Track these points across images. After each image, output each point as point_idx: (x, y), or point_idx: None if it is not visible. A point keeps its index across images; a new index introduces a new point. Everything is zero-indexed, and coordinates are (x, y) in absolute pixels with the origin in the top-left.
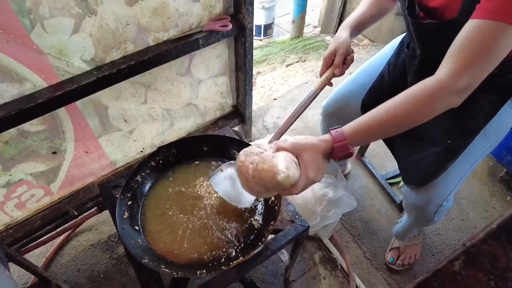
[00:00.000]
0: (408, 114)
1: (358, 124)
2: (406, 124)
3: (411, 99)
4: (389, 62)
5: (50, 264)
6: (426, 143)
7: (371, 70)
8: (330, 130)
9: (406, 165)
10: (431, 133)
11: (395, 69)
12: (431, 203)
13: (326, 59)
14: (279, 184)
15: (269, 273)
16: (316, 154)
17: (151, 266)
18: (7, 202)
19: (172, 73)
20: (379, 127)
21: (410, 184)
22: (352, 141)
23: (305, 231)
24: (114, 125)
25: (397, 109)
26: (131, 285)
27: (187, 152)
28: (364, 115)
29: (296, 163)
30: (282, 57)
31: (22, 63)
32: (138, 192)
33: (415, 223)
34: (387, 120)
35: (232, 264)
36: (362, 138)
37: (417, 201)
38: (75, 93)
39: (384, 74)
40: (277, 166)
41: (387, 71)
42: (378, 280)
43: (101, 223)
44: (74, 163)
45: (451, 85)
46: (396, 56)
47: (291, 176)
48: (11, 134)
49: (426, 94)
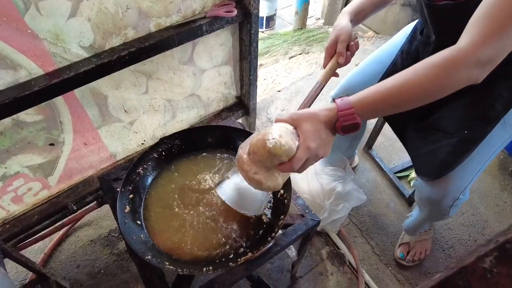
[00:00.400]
0: (424, 84)
1: (368, 93)
2: (421, 96)
3: (429, 68)
4: (402, 50)
5: (48, 260)
6: (441, 134)
7: (383, 58)
8: (335, 99)
9: (420, 156)
10: (446, 124)
11: (408, 56)
12: (447, 196)
13: (328, 49)
14: (272, 154)
15: (275, 269)
16: (317, 124)
17: (154, 263)
18: (3, 196)
19: (174, 61)
20: (391, 97)
21: (424, 177)
22: (359, 111)
23: (315, 225)
24: (114, 115)
25: (413, 78)
26: (132, 281)
27: (191, 143)
28: (375, 84)
29: (294, 133)
30: (285, 49)
31: (16, 48)
32: (140, 185)
33: (429, 217)
34: (401, 90)
35: (240, 261)
36: (370, 108)
37: (432, 194)
38: (73, 81)
39: (397, 62)
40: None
41: (400, 58)
42: (387, 276)
43: (101, 218)
44: (72, 156)
45: (473, 54)
46: (409, 43)
47: (284, 144)
48: (6, 124)
49: (446, 63)
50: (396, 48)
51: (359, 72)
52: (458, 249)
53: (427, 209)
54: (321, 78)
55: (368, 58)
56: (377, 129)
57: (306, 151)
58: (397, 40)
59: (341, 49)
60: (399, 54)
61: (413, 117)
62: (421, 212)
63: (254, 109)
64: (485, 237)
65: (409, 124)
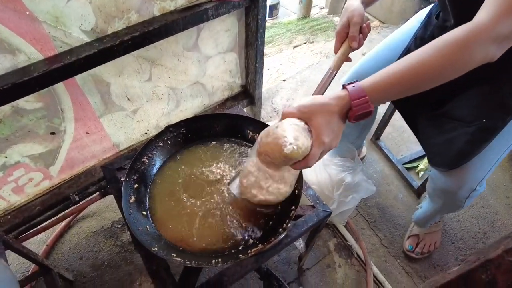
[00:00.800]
0: (439, 62)
1: (380, 77)
2: (436, 75)
3: (443, 45)
4: (416, 36)
5: (51, 252)
6: (457, 123)
7: (396, 45)
8: (346, 85)
9: (434, 146)
10: (463, 112)
11: (422, 42)
12: (463, 187)
13: (339, 33)
14: (288, 158)
15: (282, 261)
16: (330, 116)
17: (161, 255)
18: (4, 186)
19: (179, 47)
20: (405, 79)
21: (439, 167)
22: (372, 97)
23: (326, 217)
24: (117, 103)
25: (427, 57)
26: (136, 273)
27: (197, 132)
28: (386, 67)
29: (306, 129)
30: (289, 38)
31: (14, 31)
32: (145, 174)
33: (441, 209)
34: (415, 70)
35: (251, 253)
36: (384, 93)
37: (447, 185)
38: (74, 66)
39: (411, 48)
40: (282, 137)
41: (413, 44)
42: (395, 268)
43: (104, 209)
44: (74, 145)
45: (491, 30)
46: (423, 29)
47: (301, 146)
48: (5, 111)
49: (461, 39)
50: (409, 34)
51: (371, 58)
52: (468, 241)
53: (441, 201)
54: (333, 64)
55: (380, 44)
56: (385, 119)
57: (320, 147)
58: (411, 26)
59: (354, 32)
60: (413, 40)
61: (426, 106)
62: (433, 204)
63: (260, 99)
64: (495, 229)
65: (422, 112)
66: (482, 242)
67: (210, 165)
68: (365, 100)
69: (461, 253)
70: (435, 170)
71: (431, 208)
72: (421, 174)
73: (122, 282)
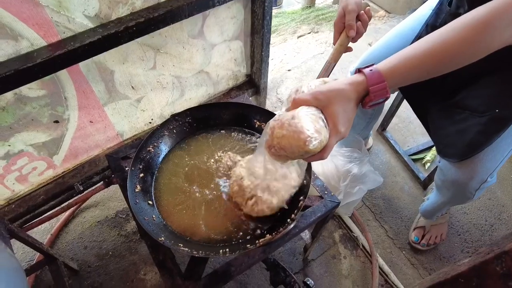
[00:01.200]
0: (460, 43)
1: (398, 60)
2: (457, 57)
3: (463, 26)
4: (427, 23)
5: (55, 241)
6: (469, 113)
7: (406, 32)
8: (362, 69)
9: (445, 137)
10: (475, 102)
11: (433, 30)
12: (474, 178)
13: (336, 23)
14: (307, 152)
15: (287, 251)
16: (347, 103)
17: (168, 245)
18: (7, 175)
19: (184, 34)
20: (424, 61)
21: (450, 158)
22: (390, 82)
23: (334, 207)
24: (121, 92)
25: (447, 38)
26: (141, 263)
27: (203, 121)
28: (404, 49)
29: (323, 119)
30: (293, 28)
31: (17, 16)
32: (151, 163)
33: (450, 201)
34: (435, 51)
35: (259, 243)
36: (403, 77)
37: (457, 177)
38: (78, 53)
39: (422, 36)
40: (303, 131)
41: (424, 32)
42: (401, 260)
43: (107, 199)
44: (78, 134)
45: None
46: (435, 16)
47: (323, 140)
48: (8, 99)
49: (483, 18)
50: (420, 22)
51: (382, 46)
52: (474, 233)
53: (449, 192)
54: (330, 56)
55: (390, 33)
56: (392, 110)
57: (337, 137)
58: (422, 13)
59: (350, 21)
60: (424, 28)
61: (437, 95)
62: (441, 195)
63: (265, 88)
64: (501, 221)
65: (433, 102)
66: (488, 234)
67: (217, 154)
68: (383, 86)
69: (467, 245)
70: (445, 161)
71: (439, 199)
72: (428, 166)
73: (127, 272)
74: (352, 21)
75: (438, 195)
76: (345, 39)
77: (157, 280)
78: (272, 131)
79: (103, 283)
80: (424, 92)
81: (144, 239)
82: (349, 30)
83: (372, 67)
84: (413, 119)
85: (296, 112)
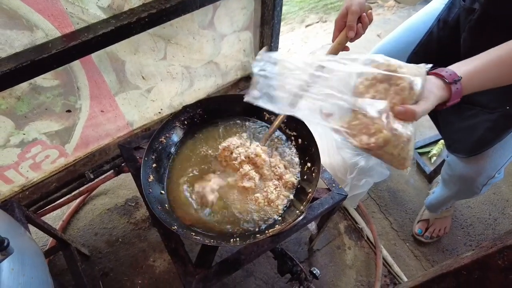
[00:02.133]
0: None
1: (475, 68)
2: None
3: None
4: (439, 18)
5: (67, 228)
6: (479, 109)
7: (417, 27)
8: (442, 75)
9: (454, 133)
10: (485, 98)
11: (445, 26)
12: (482, 174)
13: (337, 21)
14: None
15: (292, 241)
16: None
17: (181, 234)
18: (22, 163)
19: (194, 25)
20: (501, 70)
21: (459, 153)
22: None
23: (342, 200)
24: (132, 82)
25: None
26: (150, 250)
27: (214, 112)
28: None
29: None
30: (301, 17)
31: (32, 7)
32: (163, 154)
33: (456, 195)
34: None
35: (268, 233)
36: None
37: (465, 172)
38: (91, 43)
39: (433, 31)
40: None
41: (436, 27)
42: (404, 252)
43: (117, 187)
44: (89, 123)
45: None
46: (447, 11)
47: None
48: (24, 89)
49: None
50: (432, 16)
51: (393, 39)
52: (478, 227)
53: (456, 187)
54: (327, 53)
55: (400, 27)
56: None
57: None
58: (434, 7)
59: (351, 22)
60: (436, 24)
61: None
62: (448, 190)
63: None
64: (505, 216)
65: None
66: (492, 228)
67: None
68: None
69: (470, 239)
70: (454, 156)
71: (445, 194)
72: (434, 160)
73: (137, 259)
74: (353, 22)
75: (444, 189)
76: (344, 38)
77: (166, 266)
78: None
79: (113, 268)
80: None
81: (156, 227)
82: (349, 30)
83: (453, 76)
84: None
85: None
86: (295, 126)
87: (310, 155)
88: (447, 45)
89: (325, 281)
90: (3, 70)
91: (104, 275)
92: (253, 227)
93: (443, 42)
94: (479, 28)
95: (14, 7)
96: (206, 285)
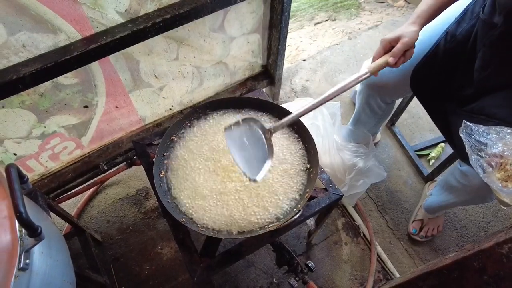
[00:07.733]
0: None
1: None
2: None
3: None
4: (447, 31)
5: (81, 215)
6: (496, 122)
7: (427, 38)
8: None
9: None
10: (503, 112)
11: (452, 39)
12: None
13: (385, 42)
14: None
15: (292, 235)
16: None
17: (188, 225)
18: (42, 153)
19: (206, 28)
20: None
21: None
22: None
23: (338, 200)
24: (145, 80)
25: None
26: (158, 238)
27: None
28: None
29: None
30: (311, 14)
31: (57, 12)
32: (174, 151)
33: (465, 202)
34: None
35: (268, 228)
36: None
37: (485, 185)
38: (110, 46)
39: (440, 44)
40: None
41: (443, 40)
42: (398, 249)
43: (128, 178)
44: (104, 118)
45: None
46: (456, 25)
47: None
48: (46, 86)
49: None
50: (440, 29)
51: None
52: (471, 229)
53: (469, 196)
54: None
55: None
56: (402, 106)
57: None
58: (442, 20)
59: (397, 50)
60: (443, 36)
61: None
62: (454, 197)
63: (280, 79)
64: (498, 219)
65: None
66: (484, 230)
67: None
68: None
69: (462, 240)
70: (471, 168)
71: (451, 200)
72: (432, 162)
73: (146, 246)
74: (399, 51)
75: (449, 196)
76: (385, 63)
77: (173, 254)
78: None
79: (123, 254)
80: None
81: (166, 218)
82: (392, 56)
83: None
84: (422, 115)
85: None
86: (297, 129)
87: (310, 157)
88: (452, 58)
89: (321, 274)
90: (30, 70)
91: (115, 260)
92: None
93: (448, 55)
94: (503, 43)
95: (41, 12)
96: (210, 273)
